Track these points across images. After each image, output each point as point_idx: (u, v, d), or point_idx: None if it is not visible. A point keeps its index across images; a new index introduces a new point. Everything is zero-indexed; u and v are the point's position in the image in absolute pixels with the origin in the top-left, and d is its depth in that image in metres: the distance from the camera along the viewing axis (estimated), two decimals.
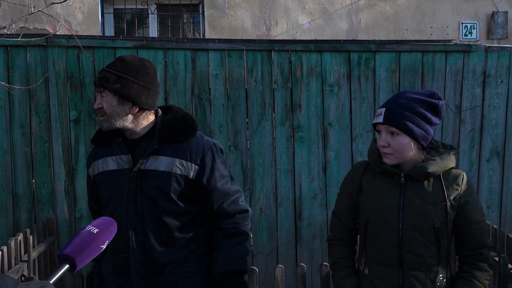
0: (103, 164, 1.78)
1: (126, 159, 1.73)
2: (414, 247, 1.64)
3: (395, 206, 1.66)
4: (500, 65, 3.63)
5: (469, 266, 1.68)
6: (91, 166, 1.85)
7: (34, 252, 2.88)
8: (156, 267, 1.72)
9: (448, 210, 1.64)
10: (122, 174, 1.73)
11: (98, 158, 1.81)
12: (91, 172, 1.85)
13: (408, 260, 1.65)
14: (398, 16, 5.51)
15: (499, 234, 2.87)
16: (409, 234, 1.64)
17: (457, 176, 1.69)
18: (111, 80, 1.69)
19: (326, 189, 3.51)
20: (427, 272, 1.65)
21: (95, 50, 3.33)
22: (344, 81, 3.53)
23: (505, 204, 3.67)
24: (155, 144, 1.71)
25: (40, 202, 3.31)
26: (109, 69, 1.72)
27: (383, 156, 1.69)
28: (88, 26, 5.19)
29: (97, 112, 1.75)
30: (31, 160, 3.30)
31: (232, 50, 3.43)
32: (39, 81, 3.25)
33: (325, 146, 3.52)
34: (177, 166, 1.71)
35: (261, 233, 3.49)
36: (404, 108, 1.64)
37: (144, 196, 1.71)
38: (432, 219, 1.64)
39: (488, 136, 3.64)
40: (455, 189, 1.67)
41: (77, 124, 3.34)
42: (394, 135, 1.65)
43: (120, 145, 1.75)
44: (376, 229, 1.70)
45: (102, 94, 1.72)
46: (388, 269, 1.68)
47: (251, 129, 3.47)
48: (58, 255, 1.01)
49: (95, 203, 1.92)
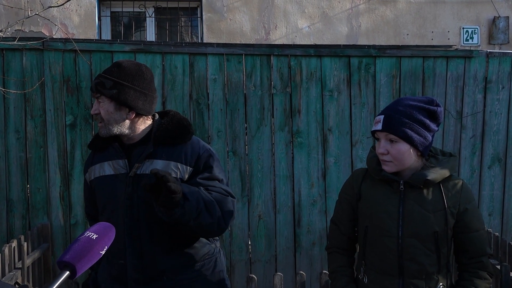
0: (99, 169, 1.77)
1: (122, 164, 1.72)
2: (414, 255, 1.63)
3: (395, 213, 1.65)
4: (502, 71, 3.60)
5: (469, 274, 1.67)
6: (88, 172, 1.83)
7: (28, 259, 2.83)
8: (153, 274, 1.70)
9: (447, 218, 1.64)
10: (119, 179, 1.72)
11: (95, 163, 1.80)
12: (87, 177, 1.84)
13: (408, 268, 1.63)
14: (399, 20, 5.49)
15: (501, 242, 2.83)
16: (409, 242, 1.63)
17: (457, 183, 1.69)
18: (107, 86, 1.69)
19: (325, 195, 3.46)
20: (427, 280, 1.64)
21: (92, 54, 3.29)
22: (344, 86, 3.49)
23: (507, 212, 3.63)
24: (150, 148, 1.71)
25: (34, 208, 3.26)
26: (105, 75, 1.71)
27: (382, 164, 1.68)
28: (84, 29, 5.15)
29: (95, 118, 1.75)
30: (26, 165, 3.25)
31: (231, 55, 3.39)
32: (35, 85, 3.21)
33: (325, 152, 3.47)
34: (172, 169, 1.69)
35: (260, 240, 3.44)
36: (402, 115, 1.63)
37: (140, 200, 1.69)
38: (431, 226, 1.63)
39: (489, 142, 3.60)
40: (455, 196, 1.66)
41: (73, 129, 3.29)
42: (393, 142, 1.64)
43: (116, 150, 1.75)
44: (375, 237, 1.68)
45: (99, 99, 1.71)
46: (388, 277, 1.66)
47: (249, 134, 3.42)
48: (58, 262, 1.00)
49: (91, 209, 1.89)
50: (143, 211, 1.69)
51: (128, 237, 1.69)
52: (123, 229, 1.69)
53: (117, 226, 1.54)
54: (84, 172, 1.87)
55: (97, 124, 1.77)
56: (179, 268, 1.72)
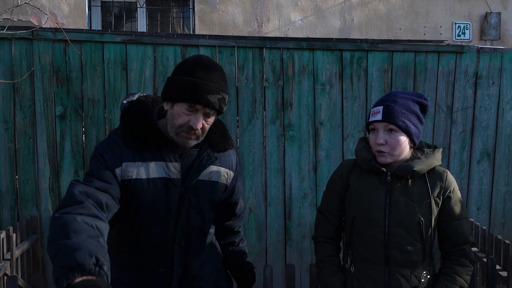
0: (145, 170, 1.56)
1: (178, 167, 1.58)
2: (400, 244, 1.67)
3: (382, 204, 1.69)
4: (492, 67, 3.62)
5: (451, 262, 1.72)
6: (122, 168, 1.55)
7: (17, 251, 2.81)
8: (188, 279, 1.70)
9: (432, 207, 1.68)
10: (173, 183, 1.58)
11: (137, 160, 1.56)
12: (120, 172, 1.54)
13: (394, 257, 1.67)
14: (392, 15, 5.49)
15: (488, 236, 2.86)
16: (395, 232, 1.67)
17: (441, 173, 1.74)
18: (226, 101, 1.56)
19: (316, 189, 3.48)
20: (412, 269, 1.68)
21: (82, 44, 3.25)
22: (336, 80, 3.49)
23: (494, 206, 3.68)
24: (209, 153, 1.64)
25: (23, 200, 3.23)
26: (219, 86, 1.52)
27: (378, 155, 1.70)
28: (74, 19, 5.08)
29: (193, 133, 1.52)
30: (15, 156, 3.22)
31: (223, 47, 3.37)
32: (24, 75, 3.16)
33: (316, 145, 3.48)
34: (224, 176, 1.69)
35: (250, 232, 3.45)
36: (401, 106, 1.67)
37: (192, 208, 1.63)
38: (417, 216, 1.67)
39: (479, 137, 3.64)
40: (439, 186, 1.71)
41: (63, 120, 3.26)
42: (392, 132, 1.67)
43: (172, 152, 1.58)
44: (362, 227, 1.71)
45: (210, 115, 1.53)
46: (374, 266, 1.70)
47: (241, 127, 3.42)
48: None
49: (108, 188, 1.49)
50: (194, 220, 1.64)
51: (178, 246, 1.63)
52: (172, 238, 1.62)
53: (163, 233, 1.61)
54: (111, 163, 1.54)
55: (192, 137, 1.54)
56: (206, 266, 1.77)
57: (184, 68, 1.53)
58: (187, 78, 1.50)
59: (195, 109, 1.50)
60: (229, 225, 1.91)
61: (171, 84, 1.54)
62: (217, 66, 1.55)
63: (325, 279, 1.78)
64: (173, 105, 1.53)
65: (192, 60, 1.54)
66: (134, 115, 1.59)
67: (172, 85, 1.53)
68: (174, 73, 1.56)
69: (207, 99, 1.49)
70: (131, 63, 3.29)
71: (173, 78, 1.54)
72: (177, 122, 1.52)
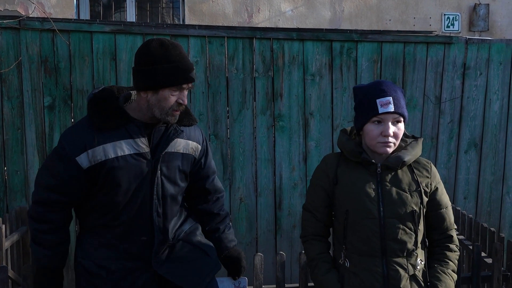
0: (114, 149, 1.66)
1: (145, 142, 1.71)
2: (396, 235, 1.68)
3: (375, 196, 1.69)
4: (480, 58, 3.66)
5: (441, 248, 1.76)
6: (88, 153, 1.64)
7: (6, 242, 2.79)
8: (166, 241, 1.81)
9: (422, 196, 1.71)
10: (144, 157, 1.71)
11: (101, 143, 1.65)
12: (85, 160, 1.64)
13: (391, 247, 1.68)
14: (381, 6, 5.50)
15: (474, 224, 2.92)
16: (391, 222, 1.68)
17: (426, 164, 1.78)
18: None
19: (306, 179, 3.50)
20: (408, 258, 1.69)
21: (70, 34, 3.22)
22: (326, 71, 3.50)
23: (481, 195, 3.74)
24: (178, 127, 1.78)
25: (12, 191, 3.21)
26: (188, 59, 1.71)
27: (382, 146, 1.67)
28: (62, 9, 5.02)
29: (181, 108, 1.73)
30: (3, 147, 3.19)
31: (213, 37, 3.36)
32: (11, 66, 3.13)
33: (306, 136, 3.50)
34: (191, 147, 1.84)
35: (241, 222, 3.47)
36: (401, 96, 1.70)
37: (165, 177, 1.76)
38: (410, 206, 1.68)
39: (466, 127, 3.68)
40: (426, 176, 1.75)
41: (52, 110, 3.23)
42: (398, 123, 1.69)
43: (139, 128, 1.70)
44: (357, 220, 1.70)
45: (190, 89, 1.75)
46: (371, 259, 1.69)
47: (231, 117, 3.42)
48: None
49: (69, 196, 1.71)
50: (167, 188, 1.76)
51: (156, 213, 1.75)
52: (150, 207, 1.74)
53: (142, 204, 1.74)
54: (74, 155, 1.65)
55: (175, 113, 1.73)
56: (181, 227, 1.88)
57: (154, 57, 1.64)
58: (167, 65, 1.63)
59: (181, 88, 1.69)
60: (207, 208, 1.99)
61: (151, 75, 1.64)
62: (175, 42, 1.70)
63: (320, 277, 1.75)
64: (157, 92, 1.66)
65: (157, 46, 1.65)
66: (101, 100, 1.71)
67: (153, 75, 1.64)
68: (144, 63, 1.65)
69: (191, 76, 1.69)
70: (120, 53, 3.27)
71: (151, 68, 1.64)
72: (167, 104, 1.68)
